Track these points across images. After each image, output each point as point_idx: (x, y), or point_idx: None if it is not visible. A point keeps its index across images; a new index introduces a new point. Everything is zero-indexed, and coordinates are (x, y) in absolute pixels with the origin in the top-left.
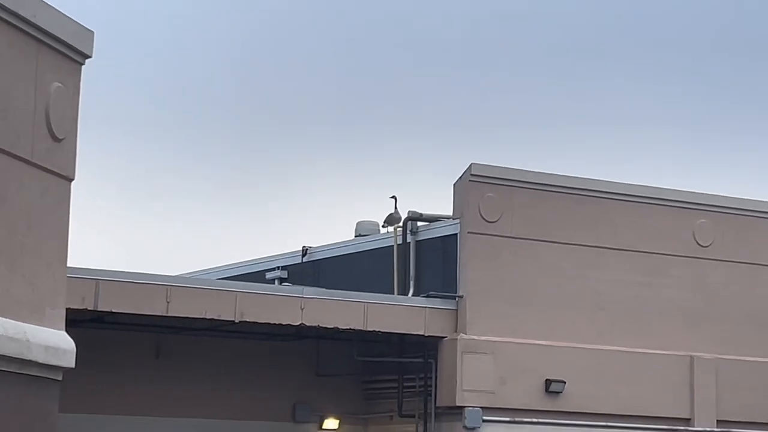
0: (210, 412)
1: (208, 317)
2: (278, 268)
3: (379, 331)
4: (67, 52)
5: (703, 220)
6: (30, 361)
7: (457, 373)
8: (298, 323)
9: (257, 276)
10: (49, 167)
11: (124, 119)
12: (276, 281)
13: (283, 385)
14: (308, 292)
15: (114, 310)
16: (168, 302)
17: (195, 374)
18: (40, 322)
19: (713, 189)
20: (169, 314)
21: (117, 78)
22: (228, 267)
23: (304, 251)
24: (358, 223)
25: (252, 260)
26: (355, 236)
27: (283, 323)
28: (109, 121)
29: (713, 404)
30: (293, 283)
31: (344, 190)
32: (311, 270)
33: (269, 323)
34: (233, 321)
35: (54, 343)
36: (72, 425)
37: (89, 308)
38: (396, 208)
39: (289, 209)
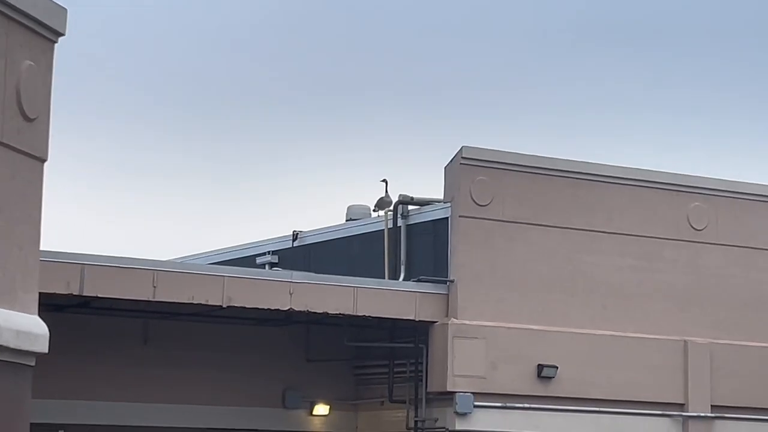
0: (198, 398)
1: (195, 302)
2: (268, 252)
3: (369, 316)
4: (39, 29)
5: (697, 203)
6: (1, 346)
7: (448, 359)
8: (287, 308)
9: (247, 261)
10: (20, 147)
11: (114, 100)
12: (266, 266)
13: (272, 370)
14: (297, 276)
15: (100, 295)
16: (155, 287)
17: (183, 360)
18: (11, 306)
19: (708, 171)
20: (156, 299)
21: (116, 59)
22: (217, 252)
23: (295, 236)
24: (349, 207)
25: (242, 245)
26: (346, 220)
27: (272, 308)
28: (105, 101)
29: (707, 389)
30: (284, 268)
31: (335, 174)
32: (302, 254)
33: (258, 308)
34: (221, 306)
35: (26, 328)
36: (58, 411)
37: (74, 293)
38: (387, 191)
39: (279, 193)
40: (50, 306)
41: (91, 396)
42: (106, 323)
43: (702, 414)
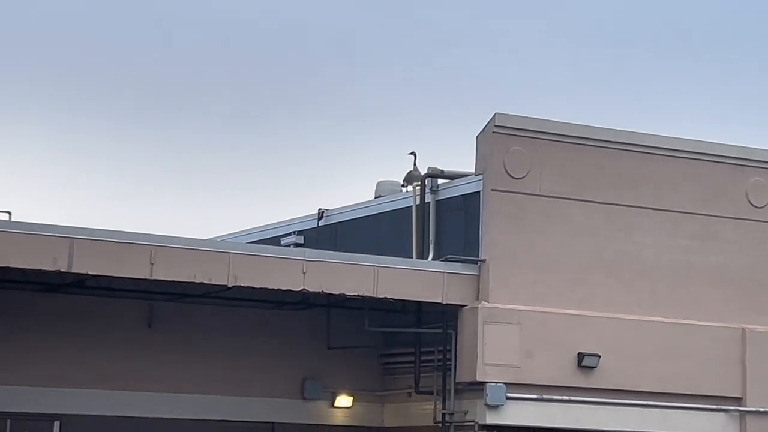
0: (208, 387)
1: (197, 281)
2: (294, 233)
3: (390, 299)
4: None
5: (757, 178)
6: None
7: (479, 346)
8: (299, 288)
9: (272, 242)
10: None
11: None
12: (292, 247)
13: (290, 358)
14: (311, 254)
15: (91, 273)
16: (152, 264)
17: (192, 346)
18: None
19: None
20: (153, 277)
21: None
22: (240, 233)
23: (320, 214)
24: (378, 184)
25: (266, 225)
26: (375, 197)
27: (283, 289)
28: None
29: (767, 382)
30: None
31: (365, 149)
32: (328, 234)
33: (267, 288)
34: (226, 286)
35: None
36: (54, 400)
37: (62, 270)
38: (415, 165)
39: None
40: (42, 285)
41: (91, 384)
42: (105, 305)
43: (761, 409)
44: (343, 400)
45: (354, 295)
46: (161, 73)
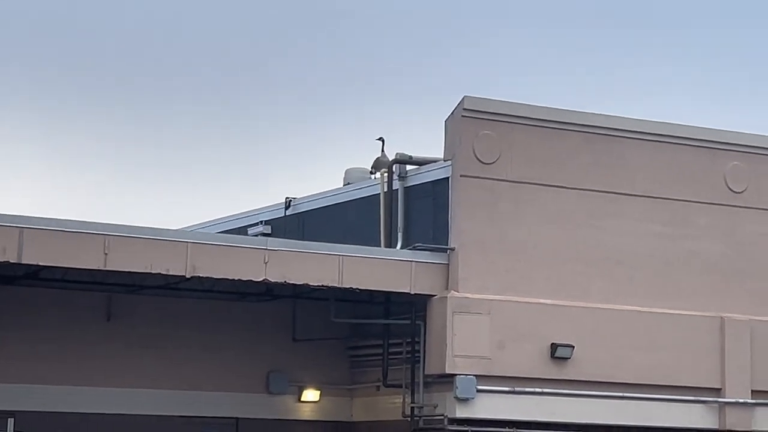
0: (169, 382)
1: (154, 272)
2: (261, 222)
3: (357, 289)
4: None
5: (735, 163)
6: None
7: (448, 337)
8: (261, 279)
9: (240, 232)
10: None
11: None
12: (259, 237)
13: (254, 351)
14: (273, 243)
15: (42, 263)
16: (106, 254)
17: (152, 339)
18: None
19: (747, 127)
20: (108, 268)
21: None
22: (207, 224)
23: (288, 203)
24: (347, 171)
25: (233, 215)
26: (344, 185)
27: (244, 279)
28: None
29: (747, 372)
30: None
31: (334, 137)
32: (295, 223)
33: (228, 279)
34: (184, 276)
35: None
36: (7, 397)
37: (12, 261)
38: (383, 151)
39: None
40: None
41: (46, 380)
42: (62, 297)
43: (741, 400)
44: (310, 395)
45: (319, 286)
46: (127, 63)
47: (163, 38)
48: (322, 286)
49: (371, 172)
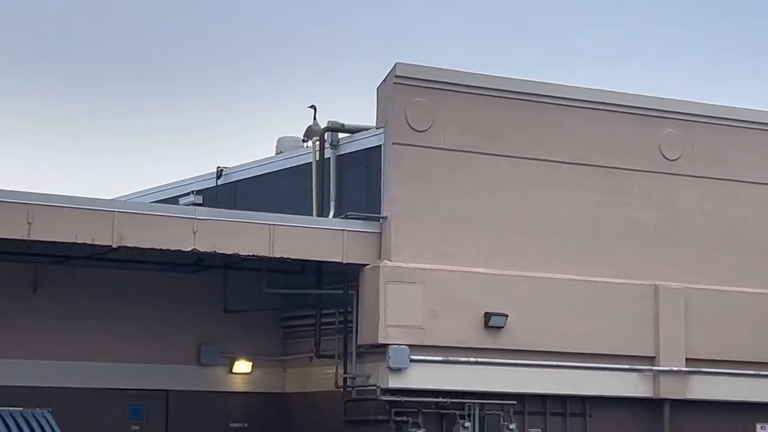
0: (99, 354)
1: (80, 241)
2: (192, 192)
3: (288, 259)
4: None
5: (670, 130)
6: None
7: (381, 307)
8: (189, 249)
9: (171, 202)
10: None
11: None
12: (188, 206)
13: (185, 323)
14: (202, 213)
15: None
16: (30, 224)
17: (80, 311)
18: None
19: (682, 95)
20: (32, 238)
21: None
22: (139, 194)
23: (219, 173)
24: (279, 140)
25: (164, 185)
26: (277, 153)
27: (172, 249)
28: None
29: (681, 340)
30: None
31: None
32: (227, 193)
33: (156, 249)
34: (111, 246)
35: None
36: None
37: None
38: (315, 119)
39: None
40: None
41: None
42: None
43: (675, 368)
44: (242, 366)
45: (249, 256)
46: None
47: (97, 9)
48: (253, 256)
49: (303, 141)
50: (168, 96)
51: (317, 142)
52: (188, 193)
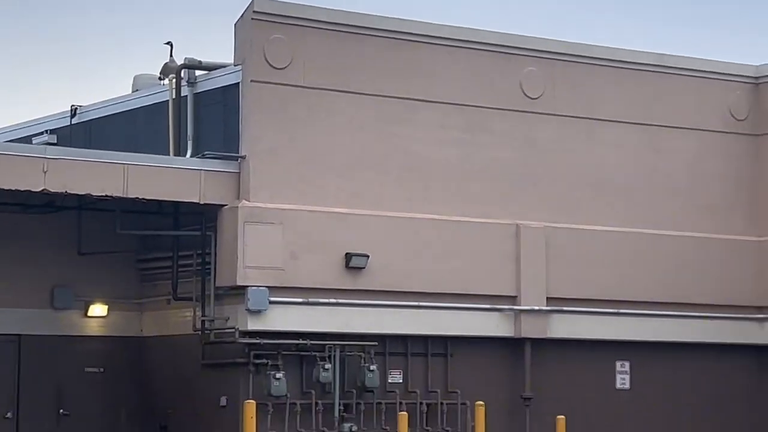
0: None
1: None
2: (46, 132)
3: (143, 199)
4: None
5: (531, 68)
6: None
7: (239, 248)
8: (39, 189)
9: (24, 142)
10: None
11: None
12: (38, 145)
13: (37, 265)
14: (52, 152)
15: None
16: None
17: None
18: None
19: (544, 32)
20: None
21: None
22: None
23: (73, 111)
24: (135, 77)
25: (16, 124)
26: (133, 91)
27: (21, 189)
28: None
29: (542, 280)
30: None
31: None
32: (82, 132)
33: (4, 189)
34: None
35: None
36: None
37: None
38: (171, 56)
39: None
40: None
41: None
42: None
43: (536, 307)
44: (98, 309)
45: (102, 196)
46: None
47: None
48: (106, 196)
49: (160, 79)
50: (27, 35)
51: (174, 80)
52: (42, 133)
